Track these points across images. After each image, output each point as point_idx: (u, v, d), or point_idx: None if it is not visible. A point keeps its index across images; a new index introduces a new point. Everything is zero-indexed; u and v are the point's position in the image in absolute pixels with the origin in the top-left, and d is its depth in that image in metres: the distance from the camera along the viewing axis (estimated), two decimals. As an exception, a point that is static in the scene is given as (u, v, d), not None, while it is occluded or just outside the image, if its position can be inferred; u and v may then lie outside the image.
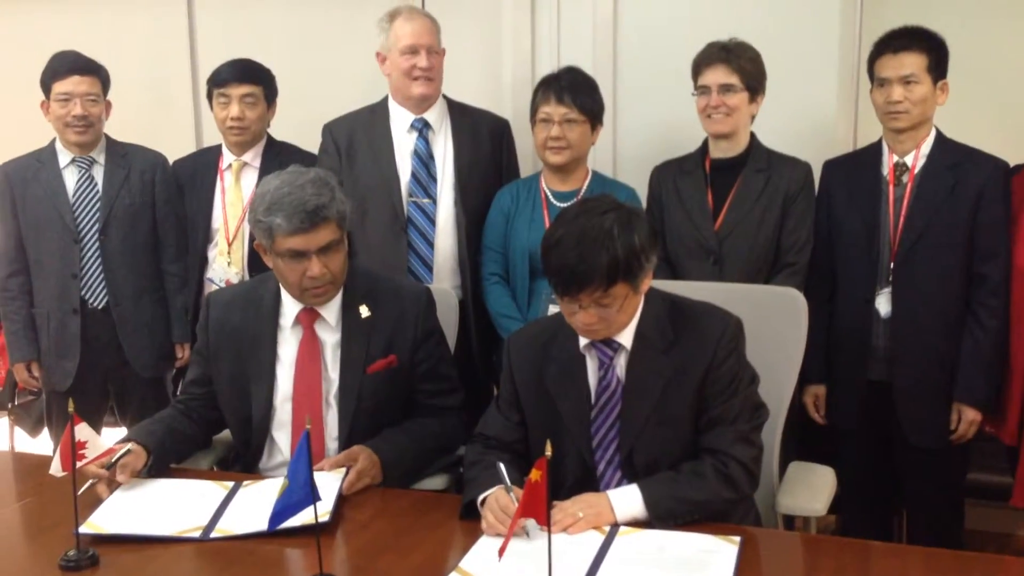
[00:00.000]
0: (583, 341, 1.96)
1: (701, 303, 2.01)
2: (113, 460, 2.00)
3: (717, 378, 1.90)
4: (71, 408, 1.68)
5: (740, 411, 1.92)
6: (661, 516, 1.82)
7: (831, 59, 3.10)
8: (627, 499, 1.84)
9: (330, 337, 2.24)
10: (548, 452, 1.47)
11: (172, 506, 1.96)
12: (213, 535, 1.84)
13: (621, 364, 1.95)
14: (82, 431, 1.73)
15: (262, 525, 1.76)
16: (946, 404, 2.60)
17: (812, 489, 2.13)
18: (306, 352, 2.23)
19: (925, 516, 2.70)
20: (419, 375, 2.28)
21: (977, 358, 2.56)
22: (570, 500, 1.85)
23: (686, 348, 1.92)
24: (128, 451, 2.05)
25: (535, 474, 1.47)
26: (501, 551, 1.51)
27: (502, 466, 1.86)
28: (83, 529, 1.79)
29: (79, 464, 1.73)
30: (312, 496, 1.61)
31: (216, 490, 2.03)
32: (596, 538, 1.77)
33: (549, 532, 1.49)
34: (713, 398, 1.91)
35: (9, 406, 3.77)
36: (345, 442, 2.20)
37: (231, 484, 2.06)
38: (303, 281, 2.13)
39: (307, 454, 1.59)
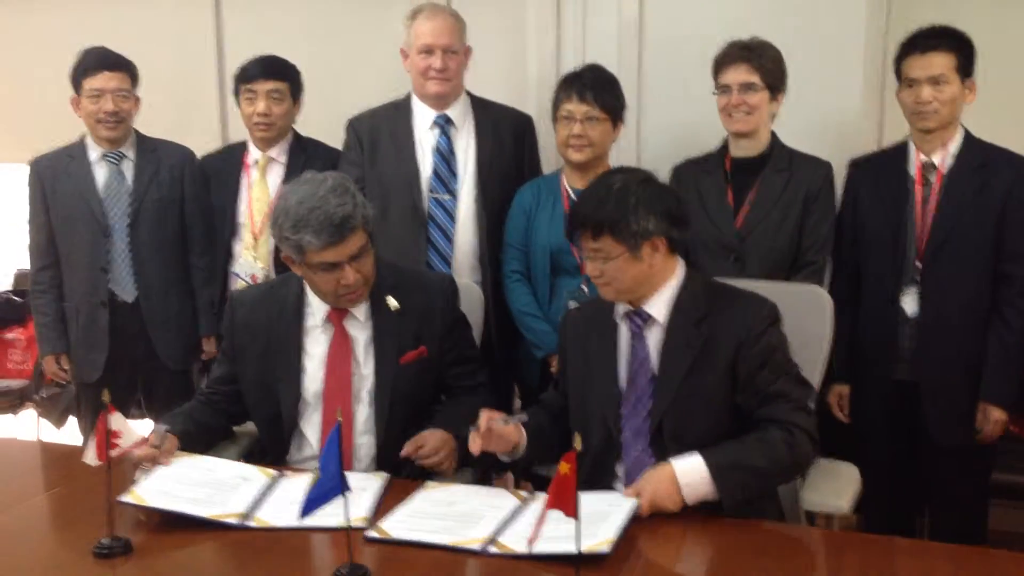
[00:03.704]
0: (619, 311, 2.05)
1: (743, 289, 2.08)
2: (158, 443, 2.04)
3: (755, 353, 1.94)
4: (106, 398, 1.70)
5: (794, 386, 1.97)
6: (728, 490, 1.84)
7: (857, 59, 3.10)
8: (691, 469, 1.85)
9: (361, 334, 2.26)
10: (578, 446, 1.48)
11: (214, 487, 1.98)
12: (250, 523, 1.86)
13: (653, 335, 2.02)
14: (116, 420, 1.76)
15: (301, 520, 1.78)
16: (972, 404, 2.59)
17: (837, 486, 2.14)
18: (337, 349, 2.25)
19: (949, 516, 2.69)
20: (448, 362, 2.32)
21: (1003, 358, 2.55)
22: (640, 480, 1.88)
23: (717, 322, 1.98)
24: (167, 433, 2.10)
25: (564, 467, 1.48)
26: (531, 540, 1.53)
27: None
28: (124, 498, 1.83)
29: (112, 453, 1.75)
30: (341, 486, 1.62)
31: (259, 476, 2.06)
32: (512, 502, 1.90)
33: (577, 524, 1.50)
34: (758, 373, 1.94)
35: (35, 398, 3.82)
36: (382, 435, 2.23)
37: (275, 472, 2.09)
38: (338, 289, 2.15)
39: (337, 446, 1.60)
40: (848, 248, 2.72)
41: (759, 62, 2.67)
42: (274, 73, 3.07)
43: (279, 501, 1.96)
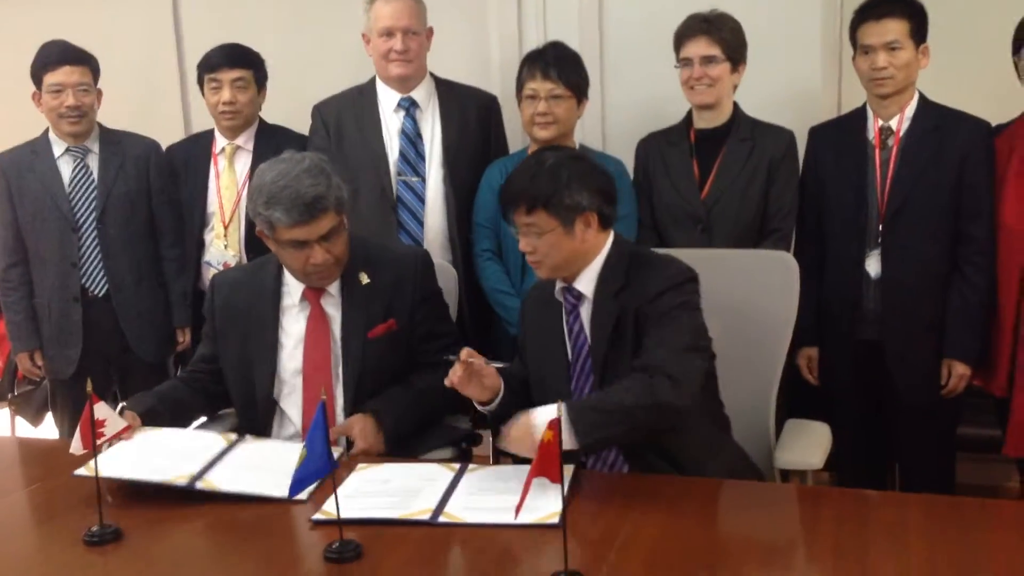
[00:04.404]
0: (556, 288, 2.10)
1: (666, 256, 2.10)
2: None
3: (651, 311, 1.97)
4: (89, 388, 1.72)
5: (672, 334, 1.94)
6: (583, 430, 1.83)
7: (814, 27, 3.16)
8: (547, 414, 1.87)
9: (336, 311, 2.29)
10: (559, 413, 1.52)
11: (169, 455, 2.01)
12: (199, 485, 1.90)
13: (585, 310, 2.07)
14: (100, 410, 1.77)
15: (248, 487, 1.89)
16: (936, 361, 2.66)
17: (808, 444, 2.20)
18: (314, 326, 2.28)
19: (918, 470, 2.76)
20: (419, 336, 2.33)
21: (965, 314, 2.62)
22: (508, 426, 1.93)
23: (632, 290, 2.01)
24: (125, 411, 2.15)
25: (547, 435, 1.52)
26: (517, 509, 1.57)
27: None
28: (79, 471, 1.87)
29: (99, 442, 1.76)
30: (330, 464, 1.65)
31: (218, 441, 2.11)
32: (447, 474, 1.95)
33: (563, 489, 1.54)
34: (649, 328, 1.96)
35: (9, 396, 3.79)
36: (351, 409, 2.25)
37: (234, 437, 2.14)
38: (306, 267, 2.19)
39: (323, 425, 1.63)
40: (812, 214, 2.77)
41: (719, 35, 2.71)
42: (238, 61, 3.07)
43: (231, 466, 2.00)
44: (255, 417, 2.30)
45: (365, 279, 2.29)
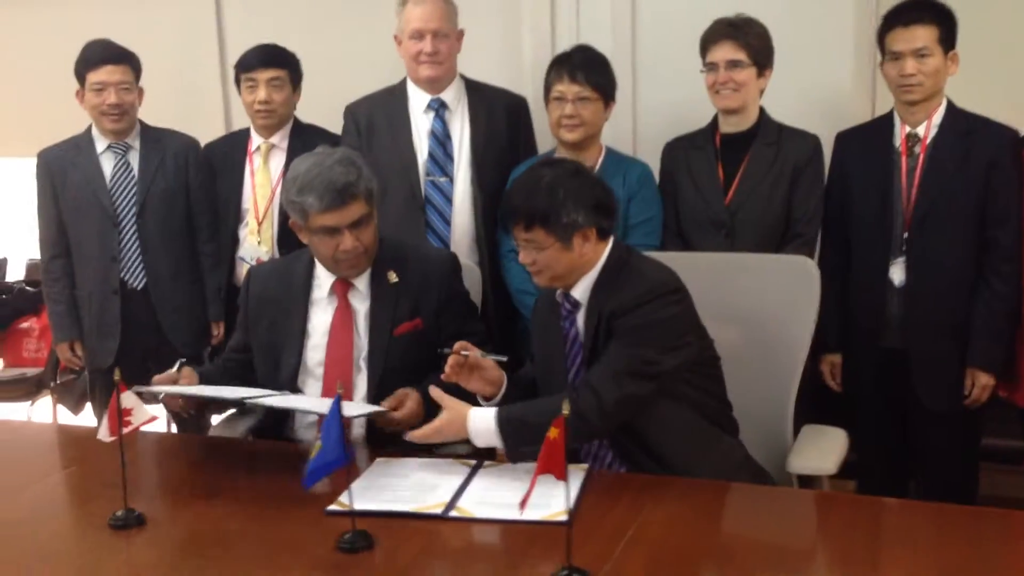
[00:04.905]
0: (557, 292, 2.14)
1: (653, 267, 2.10)
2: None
3: (617, 326, 2.00)
4: (117, 376, 1.78)
5: (620, 358, 1.98)
6: (511, 443, 1.93)
7: (847, 32, 3.14)
8: (483, 420, 1.96)
9: (362, 306, 2.36)
10: (566, 411, 1.55)
11: (217, 390, 2.22)
12: (248, 403, 2.18)
13: (581, 317, 2.10)
14: (128, 399, 1.83)
15: (292, 404, 2.16)
16: (960, 370, 2.64)
17: (823, 449, 2.19)
18: (340, 320, 2.35)
19: (940, 480, 2.74)
20: (448, 336, 2.35)
21: (990, 323, 2.60)
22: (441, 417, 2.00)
23: (612, 302, 2.03)
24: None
25: (553, 432, 1.55)
26: (523, 504, 1.60)
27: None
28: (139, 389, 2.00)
29: (125, 430, 1.82)
30: (345, 457, 1.69)
31: (259, 391, 2.26)
32: (462, 470, 2.00)
33: (567, 486, 1.57)
34: (609, 344, 2.00)
35: (51, 385, 3.91)
36: (373, 403, 2.29)
37: (274, 391, 2.28)
38: (336, 254, 2.27)
39: (339, 416, 1.67)
40: (837, 220, 2.77)
41: (745, 39, 2.72)
42: (273, 61, 3.13)
43: (273, 398, 2.17)
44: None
45: (394, 278, 2.36)
